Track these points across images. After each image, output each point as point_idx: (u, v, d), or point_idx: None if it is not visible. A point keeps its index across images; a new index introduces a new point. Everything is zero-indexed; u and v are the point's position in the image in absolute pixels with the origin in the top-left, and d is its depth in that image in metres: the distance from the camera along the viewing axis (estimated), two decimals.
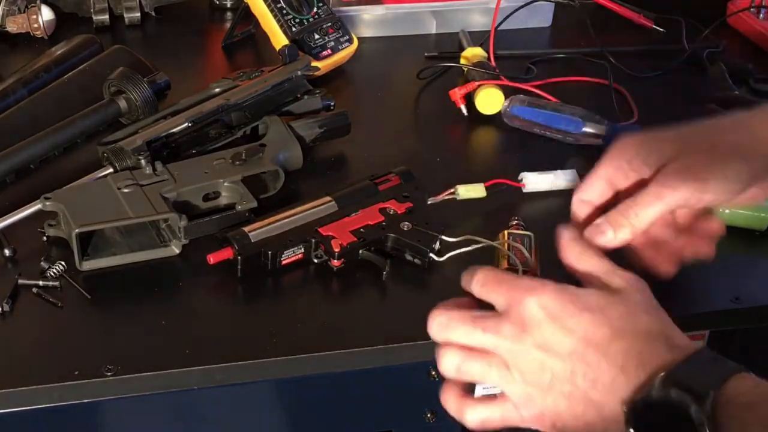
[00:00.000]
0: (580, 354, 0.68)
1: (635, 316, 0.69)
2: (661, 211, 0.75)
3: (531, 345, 0.69)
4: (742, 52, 1.31)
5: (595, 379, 0.67)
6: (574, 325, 0.68)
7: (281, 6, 1.19)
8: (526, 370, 0.69)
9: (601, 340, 0.68)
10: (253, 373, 0.81)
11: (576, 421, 0.69)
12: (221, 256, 0.87)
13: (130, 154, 0.96)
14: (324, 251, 0.89)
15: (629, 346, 0.67)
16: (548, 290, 0.69)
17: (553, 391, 0.69)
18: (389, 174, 0.97)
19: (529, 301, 0.69)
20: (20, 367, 0.79)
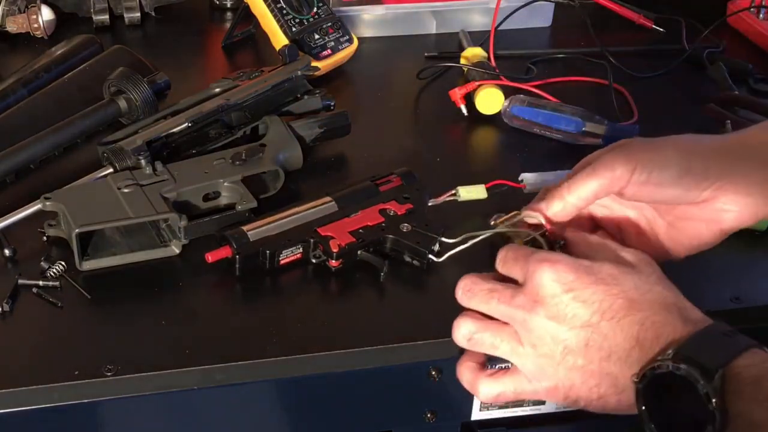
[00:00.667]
0: (595, 325, 0.68)
1: (649, 286, 0.70)
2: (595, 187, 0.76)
3: (544, 316, 0.69)
4: (742, 52, 1.31)
5: (611, 351, 0.68)
6: (588, 296, 0.68)
7: (281, 6, 1.19)
8: (538, 343, 0.69)
9: (617, 312, 0.68)
10: (253, 373, 0.81)
11: (589, 393, 0.69)
12: (220, 254, 0.87)
13: (130, 154, 0.96)
14: (322, 251, 0.89)
15: (644, 317, 0.68)
16: (562, 262, 0.70)
17: (565, 363, 0.69)
18: (390, 175, 0.97)
19: (543, 273, 0.69)
20: (20, 367, 0.79)
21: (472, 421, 0.90)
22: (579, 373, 0.69)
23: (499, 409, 0.89)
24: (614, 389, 0.69)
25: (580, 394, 0.70)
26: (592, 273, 0.69)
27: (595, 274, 0.69)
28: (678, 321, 0.68)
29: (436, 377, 0.84)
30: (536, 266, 0.70)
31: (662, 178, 0.76)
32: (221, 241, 0.88)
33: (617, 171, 0.75)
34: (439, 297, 0.89)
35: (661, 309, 0.68)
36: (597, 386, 0.69)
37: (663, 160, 0.76)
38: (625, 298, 0.68)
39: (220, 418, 0.83)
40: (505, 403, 0.75)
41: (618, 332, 0.68)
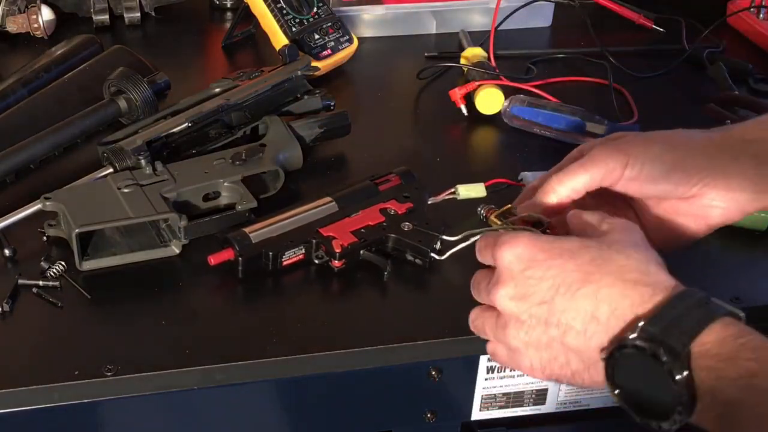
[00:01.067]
0: (550, 301, 0.68)
1: (610, 256, 0.68)
2: (586, 180, 0.76)
3: (507, 297, 0.70)
4: (742, 52, 1.30)
5: (568, 327, 0.67)
6: (543, 272, 0.68)
7: (281, 6, 1.19)
8: (508, 325, 0.70)
9: (570, 287, 0.67)
10: (253, 373, 0.81)
11: (562, 370, 0.70)
12: (222, 257, 0.87)
13: (130, 154, 0.96)
14: (325, 252, 0.89)
15: (596, 289, 0.67)
16: (521, 240, 0.70)
17: (533, 344, 0.69)
18: (390, 174, 0.97)
19: (504, 254, 0.70)
20: (20, 367, 0.79)
21: (472, 421, 0.90)
22: (546, 352, 0.69)
23: (499, 409, 0.89)
24: (582, 365, 0.68)
25: (554, 372, 0.70)
26: (551, 248, 0.69)
27: (552, 249, 0.69)
28: (633, 291, 0.66)
29: (436, 377, 0.84)
30: (499, 249, 0.70)
31: (653, 173, 0.76)
32: (223, 243, 0.88)
33: (610, 164, 0.76)
34: (441, 296, 0.89)
35: (618, 280, 0.67)
36: (567, 363, 0.69)
37: (654, 155, 0.76)
38: (580, 271, 0.68)
39: (220, 418, 0.83)
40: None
41: (573, 307, 0.67)
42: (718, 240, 0.95)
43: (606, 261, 0.68)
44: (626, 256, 0.68)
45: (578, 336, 0.67)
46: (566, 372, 0.69)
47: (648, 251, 0.70)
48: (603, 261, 0.68)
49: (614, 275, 0.67)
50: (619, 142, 0.78)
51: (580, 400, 0.90)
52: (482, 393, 0.88)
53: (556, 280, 0.68)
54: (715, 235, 0.95)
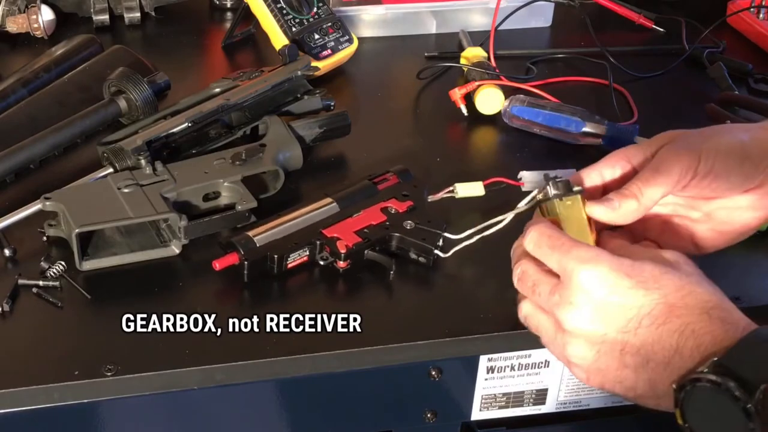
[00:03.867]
0: (633, 331, 0.66)
1: (690, 288, 0.67)
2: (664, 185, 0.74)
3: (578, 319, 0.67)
4: (742, 52, 1.30)
5: (648, 359, 0.66)
6: (628, 300, 0.66)
7: (281, 6, 1.19)
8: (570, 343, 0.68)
9: (656, 318, 0.66)
10: (253, 373, 0.81)
11: (626, 392, 0.68)
12: (227, 261, 0.87)
13: (130, 154, 0.96)
14: (329, 253, 0.89)
15: (684, 324, 0.65)
16: (603, 261, 0.67)
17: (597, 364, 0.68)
18: (387, 173, 0.97)
19: (580, 273, 0.67)
20: (20, 367, 0.79)
21: (472, 421, 0.90)
22: (612, 376, 0.68)
23: (499, 409, 0.89)
24: (652, 393, 0.67)
25: (614, 389, 0.69)
26: (632, 275, 0.67)
27: (636, 275, 0.67)
28: (719, 328, 0.65)
29: (436, 377, 0.84)
30: (575, 264, 0.68)
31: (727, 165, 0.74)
32: (227, 247, 0.88)
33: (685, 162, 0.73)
34: (446, 294, 0.89)
35: (702, 314, 0.66)
36: (633, 389, 0.68)
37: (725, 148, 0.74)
38: (665, 304, 0.66)
39: (220, 418, 0.83)
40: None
41: (656, 340, 0.66)
42: None
43: (690, 293, 0.67)
44: (707, 291, 0.68)
45: (656, 368, 0.66)
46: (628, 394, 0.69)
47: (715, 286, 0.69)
48: (687, 293, 0.67)
49: (699, 309, 0.66)
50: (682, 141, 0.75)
51: (580, 400, 0.90)
52: (482, 393, 0.88)
53: (642, 310, 0.66)
54: None
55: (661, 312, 0.66)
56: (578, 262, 0.68)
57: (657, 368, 0.66)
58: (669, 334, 0.66)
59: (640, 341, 0.66)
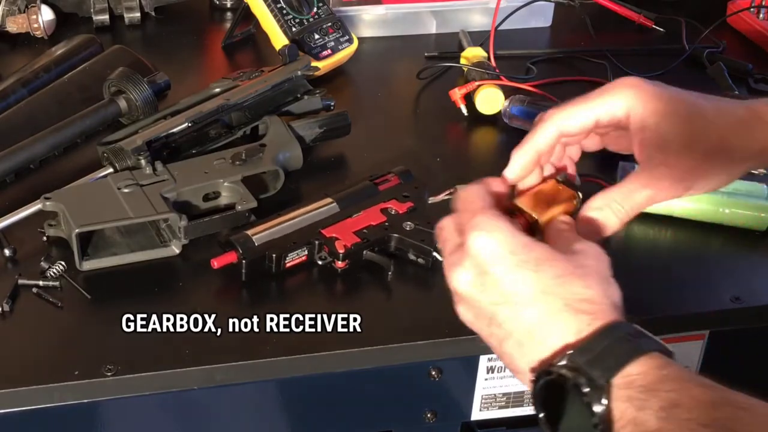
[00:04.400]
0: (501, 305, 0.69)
1: (568, 280, 0.68)
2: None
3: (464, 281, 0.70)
4: (742, 52, 1.31)
5: (508, 334, 0.69)
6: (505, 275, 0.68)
7: (281, 6, 1.19)
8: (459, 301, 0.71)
9: (522, 298, 0.68)
10: (253, 373, 0.81)
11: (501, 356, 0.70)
12: (225, 260, 0.87)
13: (130, 154, 0.96)
14: (328, 253, 0.89)
15: (545, 312, 0.67)
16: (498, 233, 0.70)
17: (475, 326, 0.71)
18: (388, 174, 0.97)
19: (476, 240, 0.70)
20: (20, 367, 0.79)
21: (472, 421, 0.90)
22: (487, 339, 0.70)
23: (499, 409, 0.89)
24: (513, 367, 0.69)
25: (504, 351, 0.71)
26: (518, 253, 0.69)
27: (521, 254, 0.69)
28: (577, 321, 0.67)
29: (436, 377, 0.84)
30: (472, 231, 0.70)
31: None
32: (226, 246, 0.88)
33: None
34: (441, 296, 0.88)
35: (565, 306, 0.67)
36: (502, 355, 0.70)
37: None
38: (536, 289, 0.68)
39: (220, 418, 0.83)
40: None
41: (515, 321, 0.68)
42: (718, 240, 0.96)
43: (565, 284, 0.68)
44: (586, 286, 0.68)
45: (515, 346, 0.68)
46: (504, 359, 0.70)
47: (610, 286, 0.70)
48: (562, 283, 0.68)
49: (566, 301, 0.67)
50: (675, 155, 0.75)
51: None
52: (482, 393, 0.88)
53: (514, 287, 0.68)
54: (716, 235, 0.96)
55: (528, 296, 0.68)
56: (474, 228, 0.70)
57: (514, 346, 0.68)
58: (529, 316, 0.68)
59: (503, 317, 0.69)
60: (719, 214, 0.95)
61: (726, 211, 0.95)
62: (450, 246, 0.72)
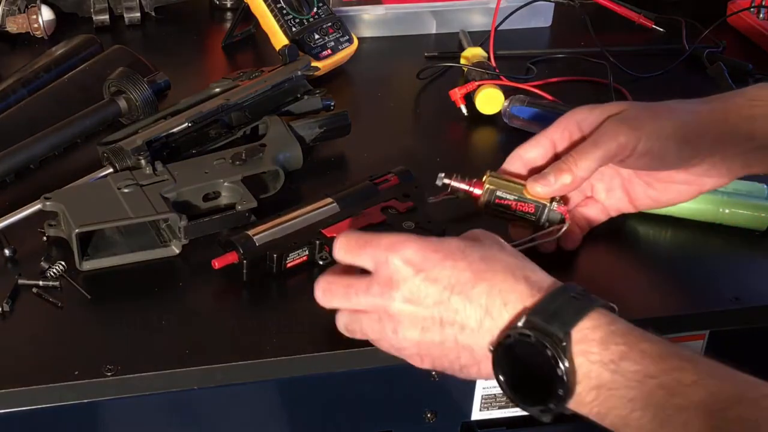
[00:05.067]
0: (446, 302, 0.71)
1: (494, 256, 0.72)
2: (600, 159, 0.80)
3: (400, 300, 0.72)
4: (742, 52, 1.31)
5: (463, 325, 0.70)
6: (437, 273, 0.71)
7: (281, 6, 1.19)
8: (398, 327, 0.72)
9: (464, 285, 0.70)
10: (253, 373, 0.81)
11: (452, 365, 0.73)
12: (226, 260, 0.87)
13: (130, 154, 0.96)
14: (328, 252, 0.89)
15: (491, 286, 0.70)
16: (409, 244, 0.72)
17: (425, 342, 0.72)
18: (388, 174, 0.97)
19: (391, 258, 0.72)
20: (20, 367, 0.79)
21: (472, 421, 0.90)
22: (438, 349, 0.72)
23: (499, 409, 0.89)
24: (473, 360, 0.71)
25: (444, 366, 0.73)
26: (440, 249, 0.72)
27: (442, 250, 0.72)
28: (524, 287, 0.70)
29: (436, 377, 0.84)
30: (385, 252, 0.72)
31: (665, 150, 0.79)
32: (226, 246, 0.88)
33: (622, 140, 0.79)
34: None
35: (507, 276, 0.71)
36: (457, 358, 0.72)
37: (667, 133, 0.79)
38: (472, 270, 0.71)
39: (220, 418, 0.83)
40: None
41: (467, 305, 0.70)
42: (718, 240, 0.95)
43: (493, 259, 0.72)
44: (510, 255, 0.73)
45: (472, 333, 0.70)
46: (455, 366, 0.73)
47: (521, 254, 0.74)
48: (491, 259, 0.72)
49: (504, 272, 0.71)
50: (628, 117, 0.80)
51: None
52: (482, 393, 0.88)
53: (450, 280, 0.71)
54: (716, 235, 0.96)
55: (468, 279, 0.71)
56: (387, 249, 0.72)
57: (472, 333, 0.70)
58: (478, 296, 0.70)
59: (453, 309, 0.71)
60: (719, 214, 0.95)
61: (726, 211, 0.95)
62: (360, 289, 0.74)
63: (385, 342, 0.74)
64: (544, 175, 0.83)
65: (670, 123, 0.80)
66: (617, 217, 0.94)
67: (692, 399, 0.63)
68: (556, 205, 0.86)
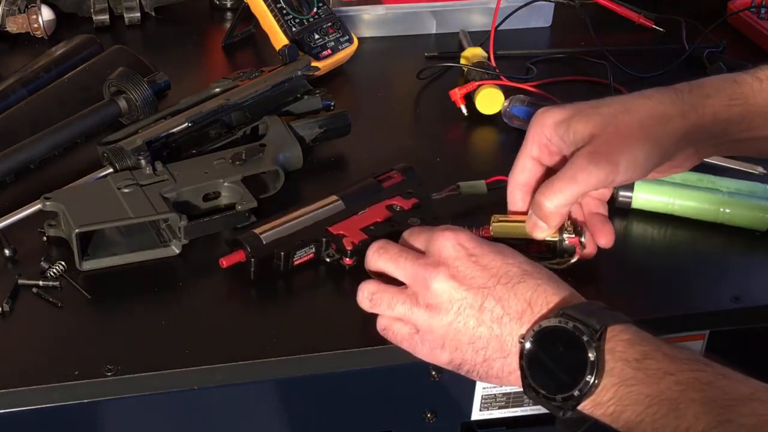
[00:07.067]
0: (491, 288, 0.74)
1: (538, 265, 0.76)
2: (577, 193, 0.80)
3: (444, 275, 0.75)
4: (742, 52, 1.30)
5: (503, 313, 0.73)
6: (488, 262, 0.75)
7: (281, 6, 1.19)
8: (434, 301, 0.75)
9: (512, 278, 0.74)
10: (253, 373, 0.81)
11: (475, 355, 0.75)
12: (234, 259, 0.87)
13: (130, 154, 0.96)
14: (335, 250, 0.89)
15: (537, 283, 0.74)
16: (465, 232, 0.77)
17: (457, 323, 0.74)
18: (391, 171, 0.97)
19: (445, 239, 0.76)
20: (20, 367, 0.79)
21: (472, 421, 0.90)
22: (468, 335, 0.74)
23: (499, 409, 0.89)
24: (500, 352, 0.73)
25: (465, 357, 0.75)
26: (491, 244, 0.77)
27: (494, 245, 0.77)
28: (568, 292, 0.74)
29: (436, 377, 0.84)
30: (440, 233, 0.77)
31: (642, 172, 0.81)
32: (233, 245, 0.88)
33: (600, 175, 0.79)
34: None
35: (551, 280, 0.75)
36: (484, 348, 0.74)
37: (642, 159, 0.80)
38: (520, 268, 0.75)
39: (220, 418, 0.83)
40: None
41: (512, 296, 0.73)
42: (718, 240, 0.95)
43: (538, 267, 0.76)
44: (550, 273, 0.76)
45: (509, 323, 0.73)
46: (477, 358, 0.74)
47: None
48: (535, 266, 0.76)
49: (547, 278, 0.75)
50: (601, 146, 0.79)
51: None
52: (482, 393, 0.88)
53: (500, 270, 0.74)
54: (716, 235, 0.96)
55: (516, 273, 0.75)
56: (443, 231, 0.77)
57: (510, 323, 0.73)
58: (523, 290, 0.74)
59: (497, 296, 0.74)
60: (719, 214, 0.95)
61: (726, 211, 0.95)
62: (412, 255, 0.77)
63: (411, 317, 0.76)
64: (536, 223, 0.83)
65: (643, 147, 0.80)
66: (618, 217, 0.95)
67: (707, 394, 0.65)
68: (567, 237, 0.85)
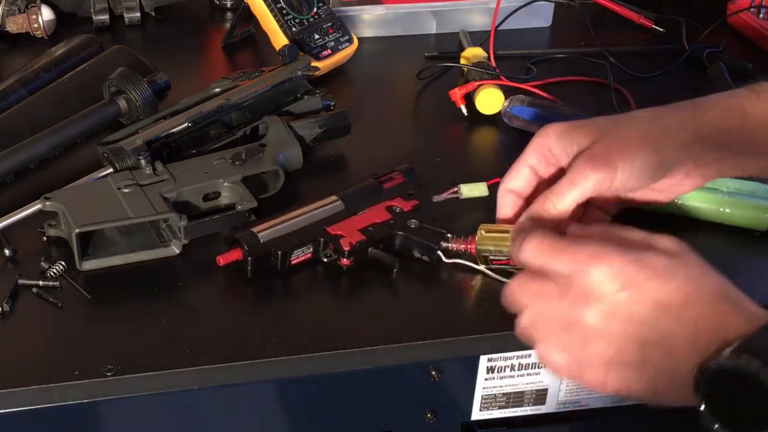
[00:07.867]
0: (652, 323, 0.66)
1: (702, 277, 0.68)
2: (577, 197, 0.78)
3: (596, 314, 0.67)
4: (742, 52, 1.30)
5: (670, 349, 0.66)
6: (644, 294, 0.66)
7: (281, 6, 1.19)
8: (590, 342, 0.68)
9: (674, 308, 0.66)
10: (253, 373, 0.81)
11: (645, 389, 0.68)
12: (231, 257, 0.87)
13: (130, 154, 0.96)
14: (333, 250, 0.89)
15: (702, 310, 0.66)
16: (614, 258, 0.67)
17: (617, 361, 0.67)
18: (393, 172, 0.97)
19: (594, 271, 0.67)
20: (20, 367, 0.79)
21: (472, 421, 0.90)
22: (633, 371, 0.68)
23: (499, 409, 0.89)
24: (673, 385, 0.67)
25: (634, 388, 0.68)
26: (645, 266, 0.67)
27: (648, 267, 0.67)
28: (735, 315, 0.66)
29: (436, 377, 0.84)
30: (587, 262, 0.68)
31: (641, 178, 0.79)
32: (231, 243, 0.88)
33: (599, 178, 0.77)
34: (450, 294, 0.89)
35: (718, 300, 0.66)
36: (652, 382, 0.67)
37: (641, 163, 0.79)
38: (681, 293, 0.66)
39: (220, 418, 0.83)
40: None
41: (677, 329, 0.66)
42: (718, 240, 0.95)
43: (700, 281, 0.67)
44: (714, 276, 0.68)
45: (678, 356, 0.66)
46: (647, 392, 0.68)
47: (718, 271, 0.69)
48: (701, 280, 0.67)
49: (714, 296, 0.67)
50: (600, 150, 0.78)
51: (580, 400, 0.90)
52: (482, 393, 0.88)
53: (658, 303, 0.66)
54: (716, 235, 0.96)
55: (678, 302, 0.66)
56: (590, 259, 0.68)
57: (678, 357, 0.66)
58: (689, 322, 0.66)
59: (660, 332, 0.66)
60: (719, 214, 0.95)
61: (726, 211, 0.95)
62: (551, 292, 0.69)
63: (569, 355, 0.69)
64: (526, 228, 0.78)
65: (643, 152, 0.79)
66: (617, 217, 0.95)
67: None
68: None
